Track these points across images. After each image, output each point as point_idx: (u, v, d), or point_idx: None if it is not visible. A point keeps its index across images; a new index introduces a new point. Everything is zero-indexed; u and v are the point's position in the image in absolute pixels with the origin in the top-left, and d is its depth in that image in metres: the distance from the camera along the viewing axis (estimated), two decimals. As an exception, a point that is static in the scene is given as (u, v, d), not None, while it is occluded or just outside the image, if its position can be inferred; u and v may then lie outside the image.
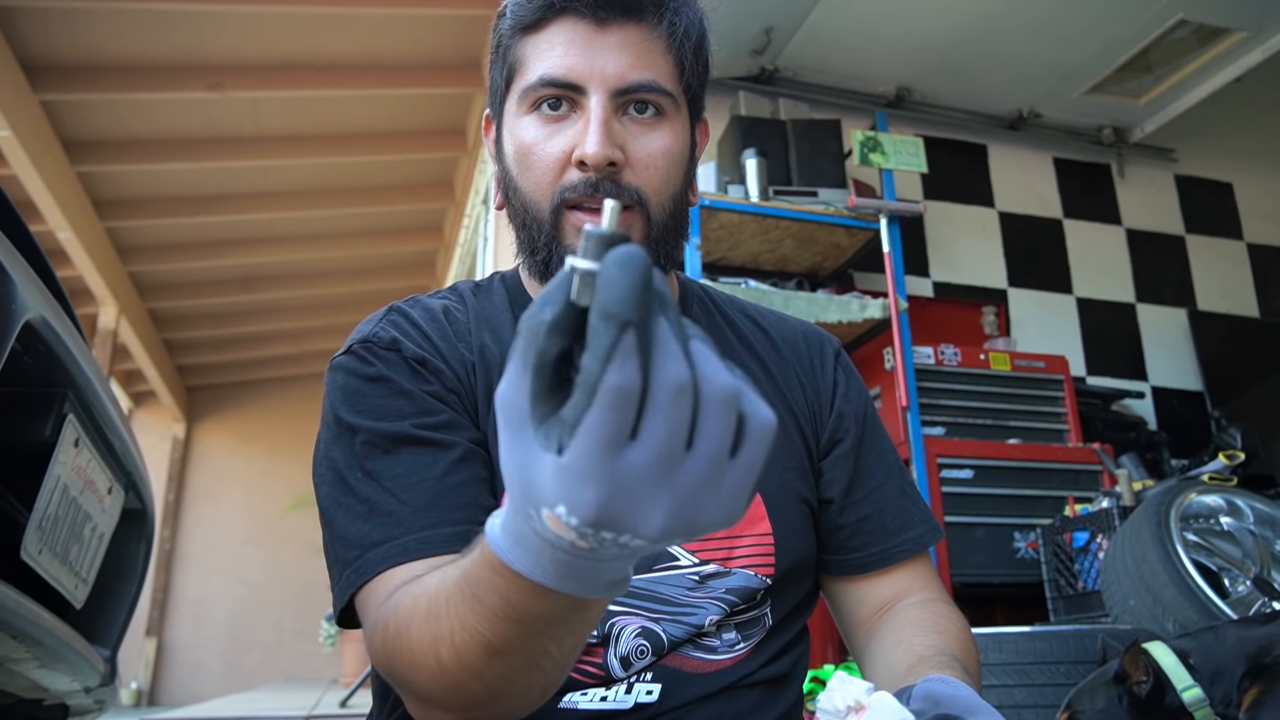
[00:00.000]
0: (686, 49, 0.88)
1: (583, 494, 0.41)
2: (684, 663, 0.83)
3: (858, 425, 0.97)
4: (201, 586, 8.70)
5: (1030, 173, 4.46)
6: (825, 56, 3.94)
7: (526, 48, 0.87)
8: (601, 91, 0.83)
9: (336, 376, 0.84)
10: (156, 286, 6.95)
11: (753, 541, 0.88)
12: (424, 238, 6.87)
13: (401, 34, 4.72)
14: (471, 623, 0.59)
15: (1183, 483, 2.51)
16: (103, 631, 1.55)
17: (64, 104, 4.76)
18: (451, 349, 0.87)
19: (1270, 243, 4.73)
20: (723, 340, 0.97)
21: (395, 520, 0.74)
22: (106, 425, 1.37)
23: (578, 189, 0.83)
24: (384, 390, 0.81)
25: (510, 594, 0.54)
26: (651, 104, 0.85)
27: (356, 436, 0.79)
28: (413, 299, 0.93)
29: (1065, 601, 2.73)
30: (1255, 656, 1.41)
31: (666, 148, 0.86)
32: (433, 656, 0.63)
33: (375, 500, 0.76)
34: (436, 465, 0.77)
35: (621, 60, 0.84)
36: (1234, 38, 3.81)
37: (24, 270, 1.09)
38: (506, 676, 0.61)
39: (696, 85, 0.92)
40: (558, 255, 0.85)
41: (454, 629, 0.61)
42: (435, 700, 0.65)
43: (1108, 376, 4.17)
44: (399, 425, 0.78)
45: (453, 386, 0.84)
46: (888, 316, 3.21)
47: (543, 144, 0.85)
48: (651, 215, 0.86)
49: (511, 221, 0.91)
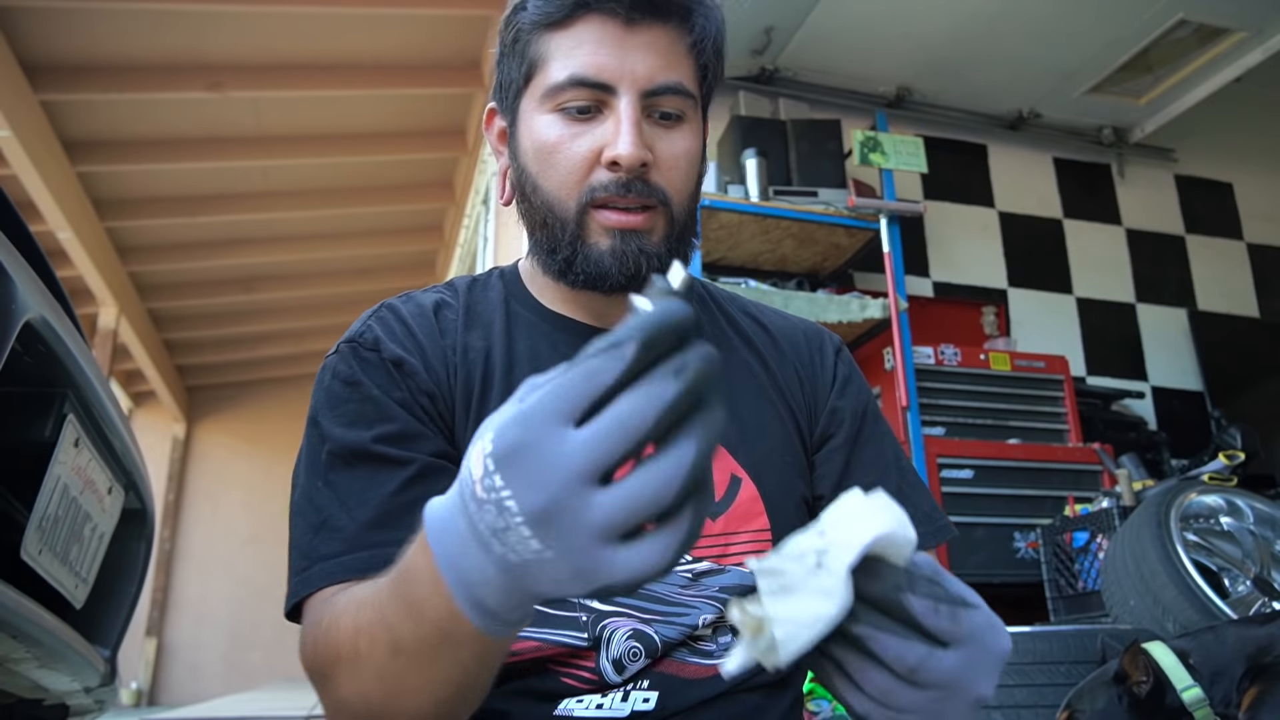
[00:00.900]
0: (709, 52, 0.88)
1: (509, 428, 0.44)
2: (681, 669, 0.83)
3: (854, 421, 0.96)
4: (201, 586, 8.70)
5: (1030, 173, 4.46)
6: (825, 56, 3.94)
7: (551, 44, 0.85)
8: (632, 91, 0.83)
9: (323, 376, 0.86)
10: (156, 286, 6.95)
11: (749, 538, 0.87)
12: (424, 238, 6.87)
13: (401, 34, 4.72)
14: (387, 611, 0.60)
15: (1183, 483, 2.51)
16: (103, 631, 1.55)
17: (64, 104, 4.77)
18: (435, 348, 0.87)
19: (1270, 243, 4.73)
20: (720, 335, 0.97)
21: (342, 537, 0.75)
22: (106, 425, 1.37)
23: (609, 189, 0.83)
24: (356, 395, 0.82)
25: (416, 576, 0.55)
26: (675, 109, 0.86)
27: (324, 446, 0.81)
28: (407, 295, 0.93)
29: (1065, 601, 2.73)
30: (1255, 656, 1.41)
31: (689, 149, 0.87)
32: (351, 649, 0.64)
33: (329, 513, 0.77)
34: (390, 483, 0.77)
35: (651, 61, 0.83)
36: (1234, 38, 3.81)
37: (24, 270, 1.09)
38: (401, 678, 0.61)
39: (712, 87, 0.92)
40: (582, 254, 0.85)
41: (373, 620, 0.62)
42: (345, 703, 0.66)
43: (1108, 376, 4.17)
44: (360, 437, 0.79)
45: (427, 389, 0.84)
46: (888, 316, 3.21)
47: (569, 143, 0.84)
48: (674, 215, 0.86)
49: (525, 219, 0.90)
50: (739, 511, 0.87)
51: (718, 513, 0.86)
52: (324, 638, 0.68)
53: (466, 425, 0.84)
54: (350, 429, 0.80)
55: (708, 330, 0.97)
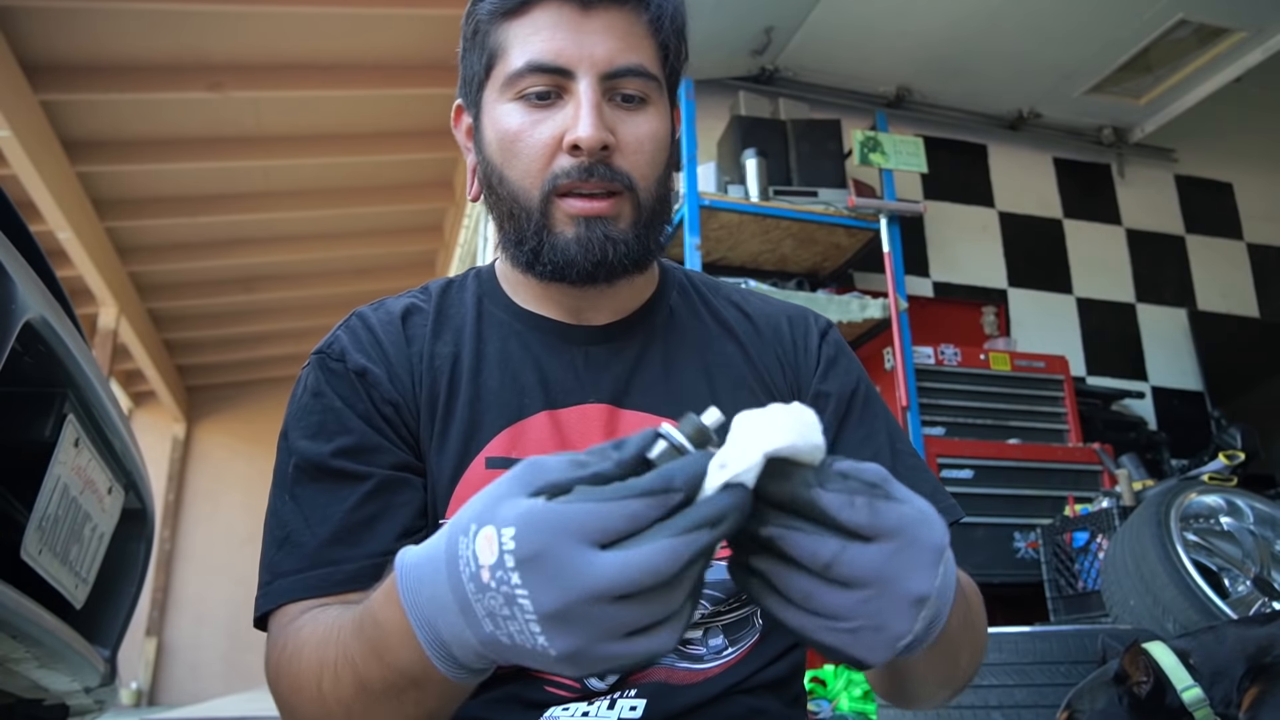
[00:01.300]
0: (668, 32, 0.87)
1: (534, 534, 0.45)
2: (670, 675, 0.81)
3: (841, 403, 0.92)
4: (201, 586, 8.70)
5: (1030, 173, 4.46)
6: (825, 56, 3.94)
7: (508, 33, 0.85)
8: (591, 75, 0.82)
9: (296, 388, 0.88)
10: (156, 286, 6.95)
11: None
12: (424, 238, 6.87)
13: (401, 34, 4.72)
14: (352, 651, 0.62)
15: (1183, 483, 2.51)
16: (103, 631, 1.55)
17: (64, 104, 4.77)
18: (400, 356, 0.87)
19: (1270, 243, 4.73)
20: (699, 325, 0.95)
21: (303, 553, 0.77)
22: (106, 425, 1.37)
23: (571, 174, 0.81)
24: (319, 406, 0.84)
25: (385, 626, 0.58)
26: (637, 91, 0.84)
27: (291, 459, 0.82)
28: (379, 302, 0.93)
29: (1065, 601, 2.73)
30: (1255, 656, 1.41)
31: (653, 131, 0.85)
32: (315, 683, 0.66)
33: (292, 527, 0.79)
34: (350, 498, 0.79)
35: (609, 44, 0.82)
36: (1234, 38, 3.81)
37: (24, 270, 1.09)
38: (367, 714, 0.63)
39: (676, 70, 0.91)
40: (548, 244, 0.83)
41: (338, 657, 0.64)
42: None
43: (1108, 376, 4.17)
44: (321, 451, 0.81)
45: (391, 398, 0.84)
46: (888, 316, 3.21)
47: (530, 130, 0.83)
48: (641, 200, 0.84)
49: (493, 212, 0.89)
50: None
51: None
52: (287, 665, 0.70)
53: (431, 434, 0.84)
54: (313, 441, 0.82)
55: (686, 321, 0.95)
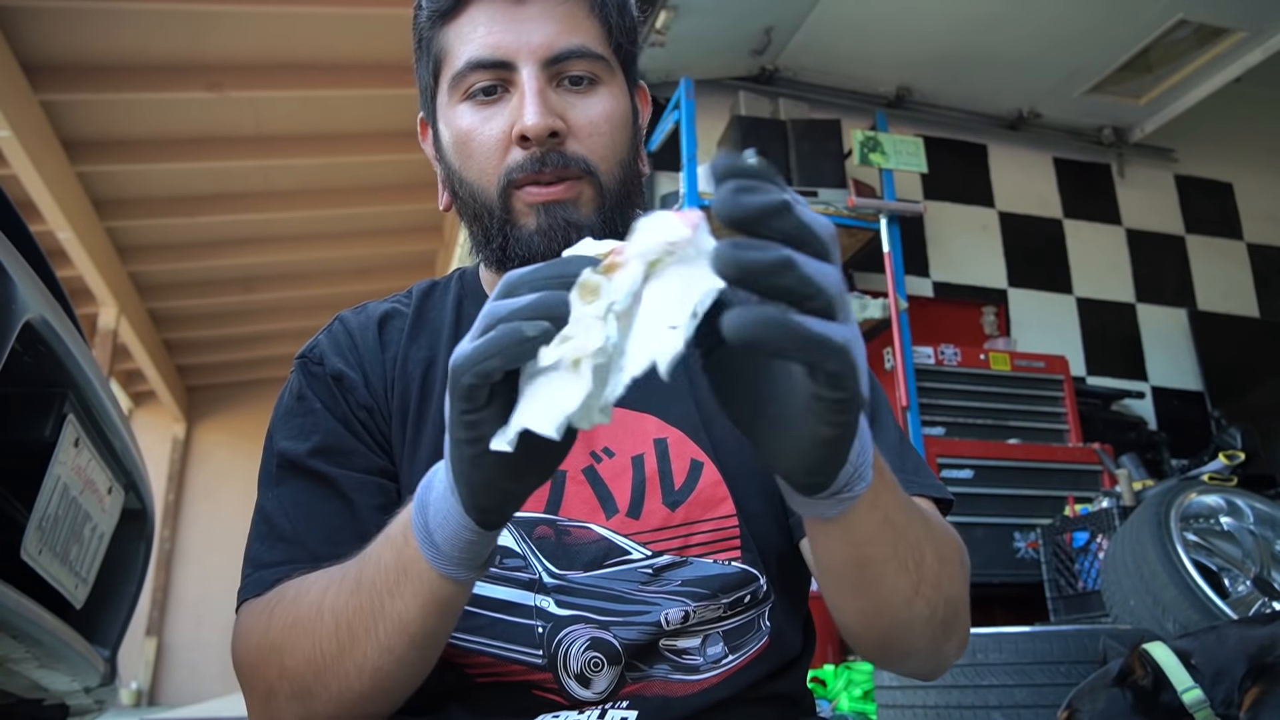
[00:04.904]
0: (610, 9, 0.85)
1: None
2: (665, 687, 0.78)
3: None
4: (201, 586, 8.70)
5: (1030, 173, 4.46)
6: (825, 56, 3.94)
7: (448, 36, 0.85)
8: (532, 63, 0.81)
9: (282, 389, 0.89)
10: (156, 286, 6.95)
11: (712, 526, 0.82)
12: (424, 238, 6.87)
13: (401, 34, 4.66)
14: (350, 570, 0.68)
15: (1183, 483, 2.51)
16: (103, 631, 1.55)
17: (64, 104, 4.77)
18: (375, 361, 0.88)
19: (1270, 243, 4.73)
20: None
21: (285, 548, 0.80)
22: (106, 425, 1.37)
23: (524, 167, 0.81)
24: (301, 409, 0.86)
25: (390, 528, 0.66)
26: (586, 72, 0.83)
27: (274, 458, 0.84)
28: (361, 306, 0.94)
29: (1065, 601, 2.73)
30: (1256, 656, 1.41)
31: (608, 112, 0.84)
32: (317, 603, 0.71)
33: (275, 522, 0.82)
34: (325, 498, 0.81)
35: (547, 29, 0.81)
36: (1234, 38, 3.81)
37: (24, 270, 1.09)
38: (360, 614, 0.67)
39: (628, 46, 0.89)
40: (513, 238, 0.82)
41: (343, 574, 0.70)
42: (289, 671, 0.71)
43: (1108, 376, 4.17)
44: (299, 451, 0.83)
45: (365, 403, 0.86)
46: (888, 316, 3.21)
47: (480, 128, 0.82)
48: (603, 184, 0.83)
49: (462, 217, 0.88)
50: (701, 498, 0.82)
51: (678, 501, 0.82)
52: (284, 610, 0.73)
53: (404, 439, 0.85)
54: (293, 442, 0.84)
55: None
